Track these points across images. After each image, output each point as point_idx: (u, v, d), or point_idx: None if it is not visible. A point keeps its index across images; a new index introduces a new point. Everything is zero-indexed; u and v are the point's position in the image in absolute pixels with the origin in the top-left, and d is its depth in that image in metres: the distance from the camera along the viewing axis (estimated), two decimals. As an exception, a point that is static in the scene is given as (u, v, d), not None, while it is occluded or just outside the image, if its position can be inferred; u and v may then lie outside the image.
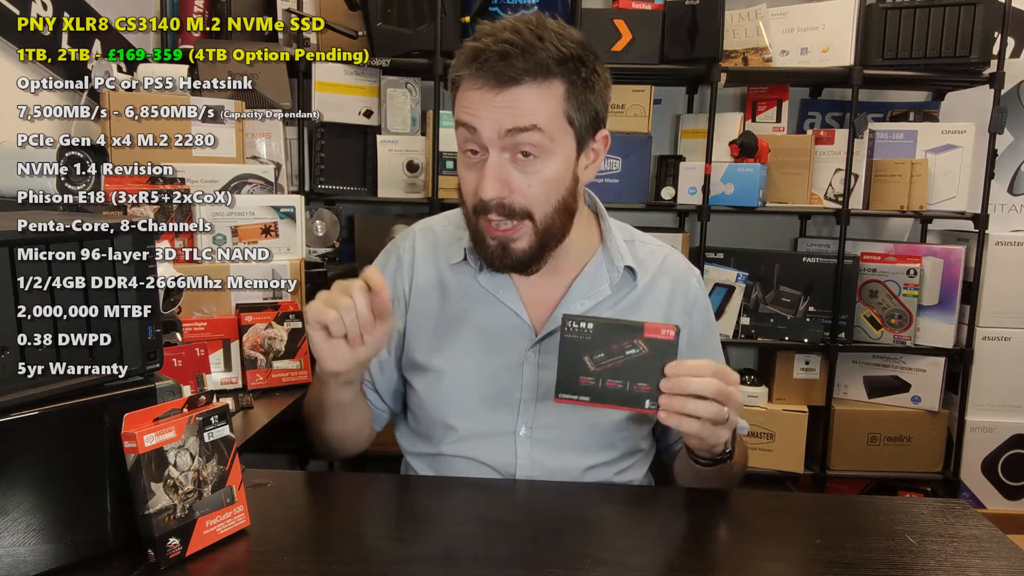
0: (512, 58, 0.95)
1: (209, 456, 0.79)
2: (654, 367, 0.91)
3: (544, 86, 0.97)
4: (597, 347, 0.92)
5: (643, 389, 0.91)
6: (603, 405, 0.93)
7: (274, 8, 2.30)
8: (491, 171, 0.98)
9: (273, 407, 1.41)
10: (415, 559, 0.82)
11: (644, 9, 2.35)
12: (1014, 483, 2.61)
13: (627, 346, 0.91)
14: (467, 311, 1.12)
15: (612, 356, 0.92)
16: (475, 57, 0.96)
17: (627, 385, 0.91)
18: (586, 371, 0.92)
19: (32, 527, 0.71)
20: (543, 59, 0.95)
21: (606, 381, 0.92)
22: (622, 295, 1.12)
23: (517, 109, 0.96)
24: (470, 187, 1.02)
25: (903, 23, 2.28)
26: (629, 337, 0.91)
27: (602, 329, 0.92)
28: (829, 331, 2.43)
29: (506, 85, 0.96)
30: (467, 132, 0.99)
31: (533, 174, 0.99)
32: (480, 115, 0.97)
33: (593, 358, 0.92)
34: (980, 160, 2.38)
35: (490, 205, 1.00)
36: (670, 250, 1.19)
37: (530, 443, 1.08)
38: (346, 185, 2.40)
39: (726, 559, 0.86)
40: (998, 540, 0.87)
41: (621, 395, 0.92)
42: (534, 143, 0.97)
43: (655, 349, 0.90)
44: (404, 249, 1.19)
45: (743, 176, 2.37)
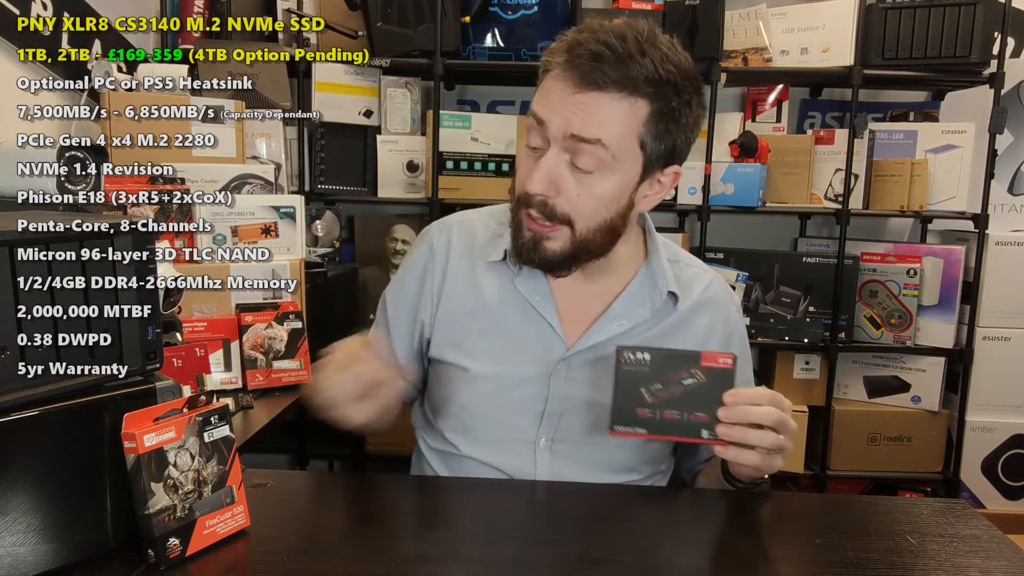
0: (604, 62, 0.91)
1: (209, 456, 0.79)
2: (712, 396, 0.89)
3: (627, 101, 0.93)
4: (654, 378, 0.90)
5: (701, 419, 0.89)
6: (660, 437, 0.91)
7: (274, 8, 2.30)
8: (544, 167, 0.95)
9: (273, 407, 1.41)
10: (415, 559, 0.82)
11: (644, 9, 2.35)
12: (1014, 483, 2.61)
13: (684, 376, 0.89)
14: (500, 314, 1.09)
15: (669, 387, 0.90)
16: (570, 49, 0.93)
17: (684, 415, 0.90)
18: (643, 403, 0.90)
19: (32, 527, 0.71)
20: (635, 74, 0.91)
21: (663, 412, 0.90)
22: (660, 319, 1.09)
23: (590, 117, 0.92)
24: (522, 176, 0.99)
25: (903, 23, 2.28)
26: (686, 367, 0.89)
27: (660, 359, 0.90)
28: (829, 331, 2.43)
29: (589, 88, 0.92)
30: (535, 123, 0.96)
31: (586, 185, 0.96)
32: (553, 108, 0.94)
33: (650, 389, 0.90)
34: (980, 160, 2.38)
35: (533, 200, 0.96)
36: (714, 276, 1.16)
37: (550, 454, 1.06)
38: (346, 185, 2.40)
39: (726, 559, 0.86)
40: (998, 540, 0.87)
41: (678, 426, 0.90)
42: (596, 156, 0.94)
43: (712, 378, 0.89)
44: (439, 241, 1.14)
45: (743, 176, 2.37)
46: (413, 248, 1.19)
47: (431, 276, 1.13)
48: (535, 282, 1.08)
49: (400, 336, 1.16)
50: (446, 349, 1.11)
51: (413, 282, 1.15)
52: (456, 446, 1.09)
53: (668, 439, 0.92)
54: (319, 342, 1.67)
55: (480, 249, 1.12)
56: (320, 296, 1.79)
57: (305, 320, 1.56)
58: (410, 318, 1.15)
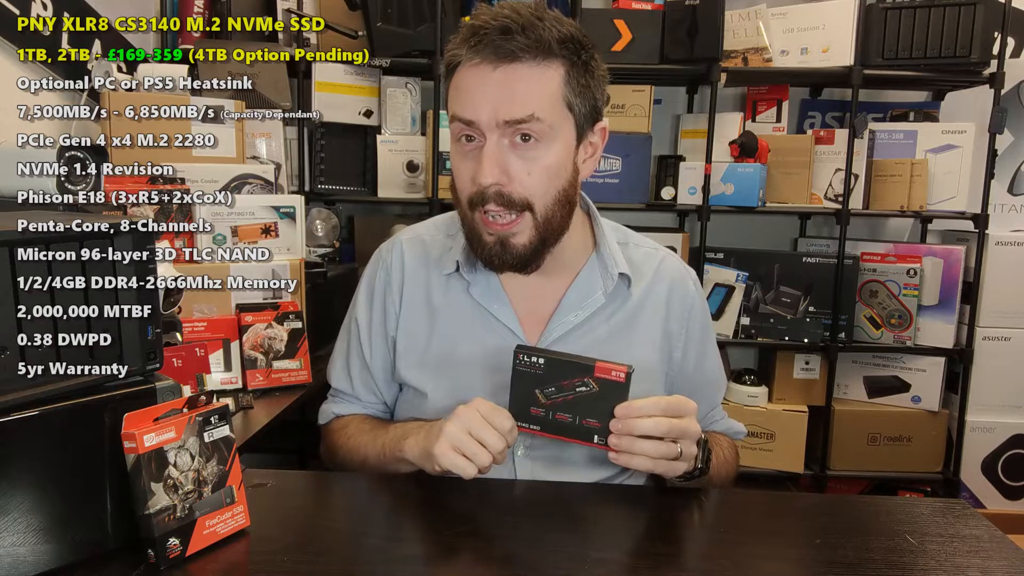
0: (513, 33, 0.93)
1: (209, 456, 0.79)
2: (604, 406, 0.91)
3: (544, 66, 0.95)
4: (548, 381, 0.92)
5: (592, 425, 0.92)
6: (553, 436, 0.94)
7: (274, 8, 2.30)
8: (489, 155, 0.95)
9: (273, 407, 1.41)
10: (415, 559, 0.82)
11: (644, 9, 2.35)
12: (1014, 483, 2.61)
13: (577, 383, 0.91)
14: (460, 330, 1.09)
15: (563, 391, 0.92)
16: (474, 33, 0.95)
17: (576, 419, 0.92)
18: (537, 403, 0.93)
19: (32, 527, 0.71)
20: (544, 37, 0.94)
21: (556, 414, 0.92)
22: (618, 304, 1.10)
23: (515, 94, 0.94)
24: (466, 177, 0.98)
25: (903, 23, 2.28)
26: (580, 375, 0.91)
27: (553, 365, 0.92)
28: (829, 331, 2.43)
29: (505, 60, 0.93)
30: (462, 125, 0.97)
31: (533, 160, 0.96)
32: (476, 102, 0.95)
33: (544, 391, 0.92)
34: (980, 160, 2.38)
35: (488, 193, 0.96)
36: (666, 253, 1.17)
37: (530, 462, 1.06)
38: (346, 185, 2.40)
39: (726, 559, 0.85)
40: (998, 540, 0.87)
41: (571, 428, 0.93)
42: (533, 131, 0.95)
43: (605, 389, 0.91)
44: (392, 263, 1.15)
45: (743, 176, 2.37)
46: (367, 272, 1.19)
47: (391, 297, 1.14)
48: (490, 288, 1.08)
49: (378, 357, 1.15)
50: (412, 374, 1.11)
51: (377, 303, 1.15)
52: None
53: (560, 439, 0.94)
54: (319, 342, 1.68)
55: (434, 263, 1.12)
56: (320, 296, 1.79)
57: (305, 320, 1.56)
58: (382, 338, 1.15)
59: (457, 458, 0.91)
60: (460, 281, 1.10)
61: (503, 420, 0.92)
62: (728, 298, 2.45)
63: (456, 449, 0.92)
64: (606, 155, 2.34)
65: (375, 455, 1.07)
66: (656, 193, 2.47)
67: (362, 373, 1.16)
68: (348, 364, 1.18)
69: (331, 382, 1.21)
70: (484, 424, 0.92)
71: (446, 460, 0.92)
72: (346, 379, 1.18)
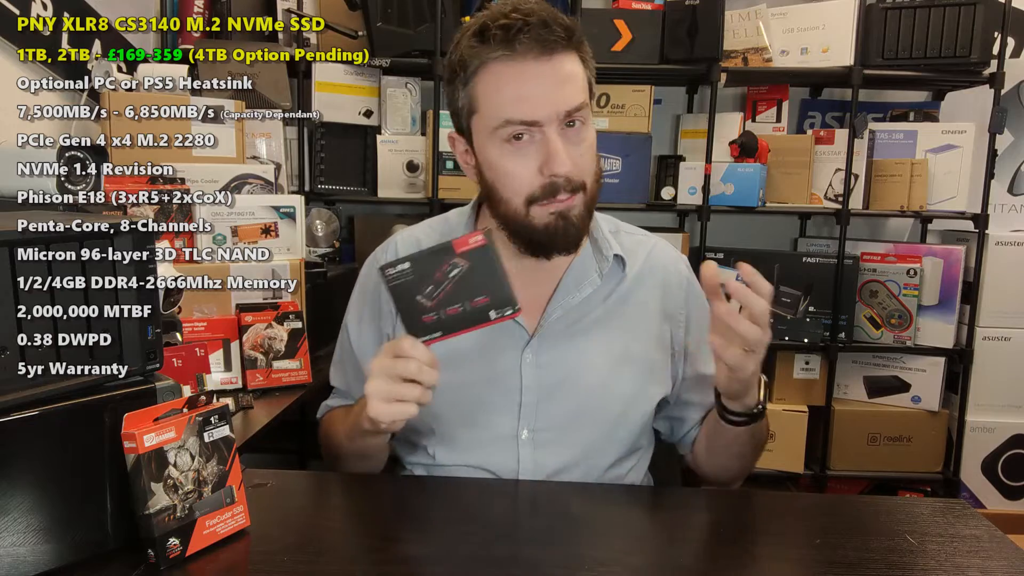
0: (551, 26, 0.95)
1: (209, 456, 0.79)
2: (483, 279, 0.88)
3: (573, 53, 0.98)
4: (422, 283, 0.89)
5: (483, 302, 0.89)
6: (456, 334, 0.90)
7: (274, 8, 2.30)
8: (559, 146, 0.96)
9: (273, 407, 1.41)
10: (415, 559, 0.82)
11: (644, 9, 2.35)
12: (1014, 483, 2.61)
13: (448, 269, 0.89)
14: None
15: (439, 285, 0.89)
16: (506, 29, 0.94)
17: (466, 305, 0.89)
18: (424, 309, 0.89)
19: (32, 527, 0.71)
20: (569, 25, 0.97)
21: (447, 310, 0.89)
22: (613, 285, 1.11)
23: (565, 85, 0.96)
24: (525, 173, 0.98)
25: (903, 23, 2.28)
26: (447, 259, 0.89)
27: (418, 263, 0.89)
28: (829, 331, 2.43)
29: (548, 52, 0.95)
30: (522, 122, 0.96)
31: (582, 143, 0.99)
32: (532, 91, 0.95)
33: (424, 295, 0.89)
34: (980, 160, 2.38)
35: (559, 183, 0.97)
36: (657, 240, 1.19)
37: (532, 445, 1.07)
38: (346, 185, 2.40)
39: (726, 559, 0.86)
40: (998, 540, 0.87)
41: (467, 317, 0.89)
42: (580, 117, 0.98)
43: (475, 260, 0.88)
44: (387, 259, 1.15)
45: (743, 176, 2.37)
46: (362, 274, 1.19)
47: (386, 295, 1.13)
48: None
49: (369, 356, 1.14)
50: None
51: (371, 303, 1.16)
52: (435, 455, 1.10)
53: (465, 332, 0.90)
54: (319, 342, 1.68)
55: None
56: (320, 296, 1.79)
57: (305, 320, 1.56)
58: (376, 336, 1.15)
59: (392, 407, 0.90)
60: None
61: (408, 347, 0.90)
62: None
63: (386, 399, 0.90)
64: (606, 155, 2.34)
65: (346, 434, 1.08)
66: (656, 193, 2.47)
67: (355, 373, 1.18)
68: (343, 365, 1.20)
69: (331, 380, 1.24)
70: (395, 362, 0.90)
71: (385, 416, 0.90)
72: (341, 376, 1.21)
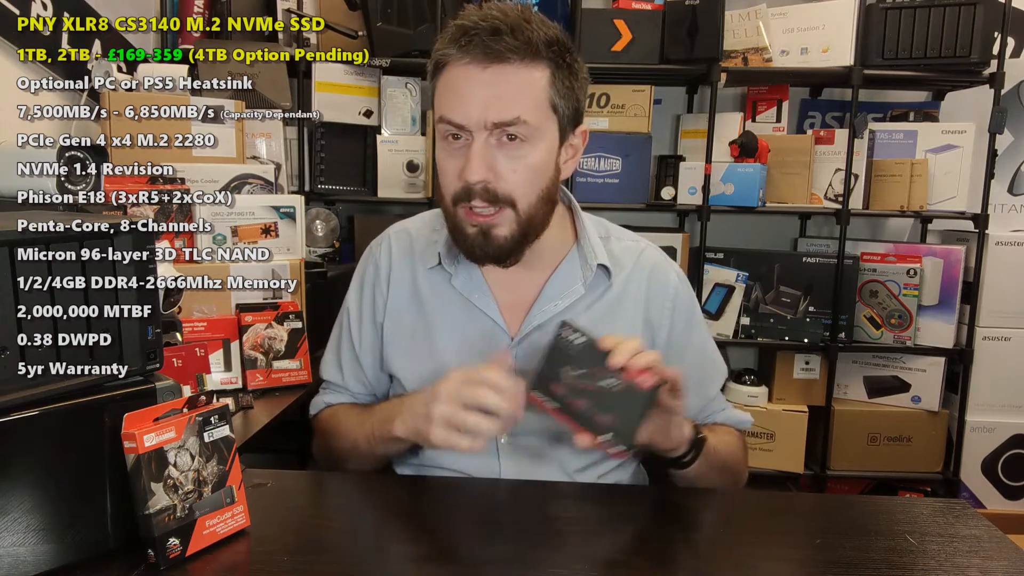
0: (503, 34, 0.93)
1: (209, 456, 0.79)
2: (620, 409, 0.89)
3: (531, 67, 0.96)
4: (580, 363, 0.90)
5: (606, 421, 0.89)
6: (564, 419, 0.91)
7: (274, 8, 2.30)
8: (477, 154, 0.96)
9: (273, 407, 1.41)
10: (415, 559, 0.82)
11: (644, 9, 2.35)
12: (1014, 483, 2.61)
13: (608, 374, 0.89)
14: (443, 319, 1.11)
15: (588, 379, 0.90)
16: (463, 33, 0.95)
17: (591, 410, 0.90)
18: (559, 380, 0.91)
19: (32, 527, 0.71)
20: (532, 38, 0.95)
21: (575, 398, 0.90)
22: (597, 295, 1.10)
23: (503, 95, 0.95)
24: (452, 174, 0.99)
25: (903, 23, 2.28)
26: (612, 370, 0.89)
27: (590, 349, 0.90)
28: (829, 331, 2.43)
29: (494, 61, 0.94)
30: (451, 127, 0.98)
31: (518, 159, 0.98)
32: (465, 104, 0.95)
33: (571, 372, 0.91)
34: (980, 160, 2.38)
35: (474, 190, 0.97)
36: (647, 245, 1.17)
37: (512, 450, 1.07)
38: (346, 185, 2.40)
39: (726, 559, 0.86)
40: (998, 540, 0.87)
41: (583, 417, 0.90)
42: (520, 132, 0.96)
43: (628, 392, 0.89)
44: (380, 256, 1.17)
45: (743, 176, 2.37)
46: (359, 266, 1.20)
47: (379, 288, 1.15)
48: (472, 279, 1.10)
49: (367, 350, 1.17)
50: (398, 365, 1.13)
51: (367, 293, 1.17)
52: (421, 459, 1.11)
53: (569, 424, 0.91)
54: (319, 342, 1.68)
55: (419, 255, 1.14)
56: (320, 296, 1.79)
57: (305, 320, 1.56)
58: (372, 326, 1.16)
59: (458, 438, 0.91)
60: (443, 274, 1.12)
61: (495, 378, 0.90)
62: (728, 298, 2.45)
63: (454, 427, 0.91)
64: (606, 155, 2.34)
65: (364, 438, 1.07)
66: (656, 193, 2.47)
67: (352, 364, 1.18)
68: (339, 356, 1.20)
69: (322, 375, 1.23)
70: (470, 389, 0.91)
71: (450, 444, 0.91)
72: (336, 370, 1.20)
